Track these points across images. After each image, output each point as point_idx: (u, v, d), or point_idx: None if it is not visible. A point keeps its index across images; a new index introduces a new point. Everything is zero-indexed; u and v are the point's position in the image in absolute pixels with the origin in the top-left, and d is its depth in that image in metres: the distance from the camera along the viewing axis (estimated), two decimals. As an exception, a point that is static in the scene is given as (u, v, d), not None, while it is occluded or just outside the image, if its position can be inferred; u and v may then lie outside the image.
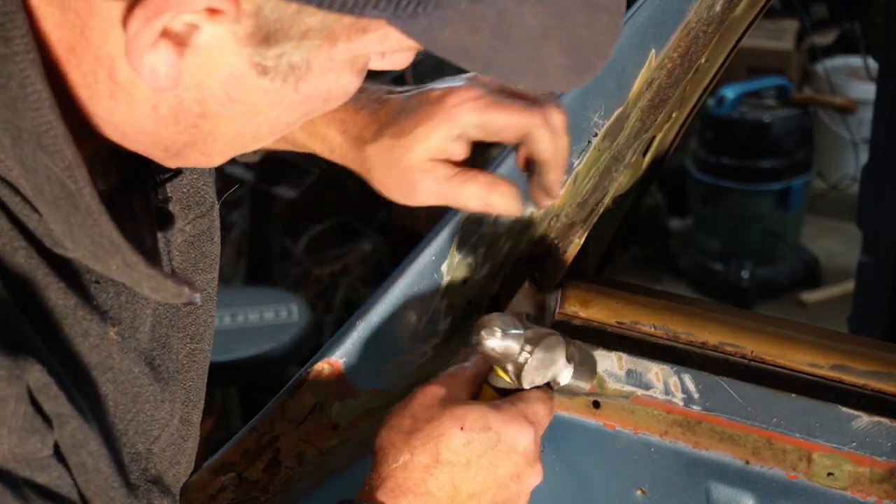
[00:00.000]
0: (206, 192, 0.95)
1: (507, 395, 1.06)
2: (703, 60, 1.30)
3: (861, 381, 1.15)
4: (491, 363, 1.07)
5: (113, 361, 0.81)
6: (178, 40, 0.67)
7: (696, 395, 1.17)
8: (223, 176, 0.99)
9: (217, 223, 0.99)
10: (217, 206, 0.98)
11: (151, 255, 0.80)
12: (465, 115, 1.02)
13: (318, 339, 3.15)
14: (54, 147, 0.68)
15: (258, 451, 1.17)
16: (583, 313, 1.28)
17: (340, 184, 3.53)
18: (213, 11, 0.65)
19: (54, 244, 0.74)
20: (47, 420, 0.73)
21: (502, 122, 1.02)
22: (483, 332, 1.05)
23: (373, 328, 1.19)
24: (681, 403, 1.18)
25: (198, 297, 0.76)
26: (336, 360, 1.19)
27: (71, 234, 0.72)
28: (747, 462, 1.16)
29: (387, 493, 0.96)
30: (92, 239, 0.72)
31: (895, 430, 1.10)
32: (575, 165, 1.25)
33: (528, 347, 1.06)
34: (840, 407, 1.12)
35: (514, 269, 1.29)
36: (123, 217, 0.75)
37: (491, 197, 1.03)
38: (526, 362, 1.06)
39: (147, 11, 0.64)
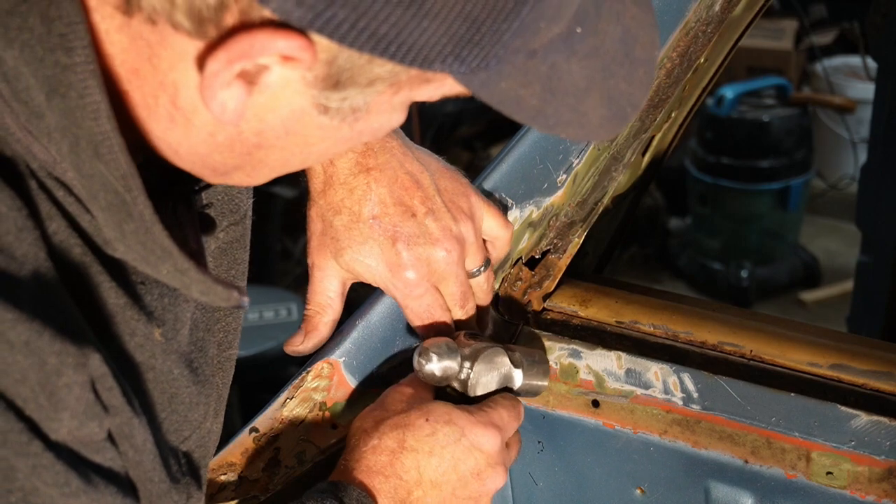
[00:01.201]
0: (241, 200, 0.97)
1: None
2: (702, 60, 1.30)
3: (860, 380, 1.15)
4: (437, 385, 1.11)
5: (155, 362, 0.83)
6: (249, 79, 0.68)
7: (695, 395, 1.18)
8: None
9: (249, 231, 1.00)
10: (250, 214, 1.00)
11: (198, 259, 0.82)
12: (387, 285, 1.11)
13: (317, 338, 3.15)
14: (110, 156, 0.70)
15: (258, 451, 1.18)
16: (582, 313, 1.28)
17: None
18: (288, 57, 0.66)
19: (105, 244, 0.76)
20: (105, 407, 0.75)
21: (411, 322, 1.13)
22: (420, 360, 1.09)
23: (373, 328, 1.19)
24: (680, 402, 1.18)
25: (246, 301, 0.78)
26: (336, 359, 1.19)
27: (123, 239, 0.73)
28: (746, 461, 1.17)
29: (361, 473, 1.04)
30: (144, 245, 0.73)
31: (894, 429, 1.10)
32: (574, 165, 1.25)
33: (466, 364, 1.10)
34: (839, 406, 1.12)
35: (514, 268, 1.29)
36: (170, 222, 0.76)
37: (311, 332, 1.14)
38: (468, 378, 1.10)
39: (230, 55, 0.66)
